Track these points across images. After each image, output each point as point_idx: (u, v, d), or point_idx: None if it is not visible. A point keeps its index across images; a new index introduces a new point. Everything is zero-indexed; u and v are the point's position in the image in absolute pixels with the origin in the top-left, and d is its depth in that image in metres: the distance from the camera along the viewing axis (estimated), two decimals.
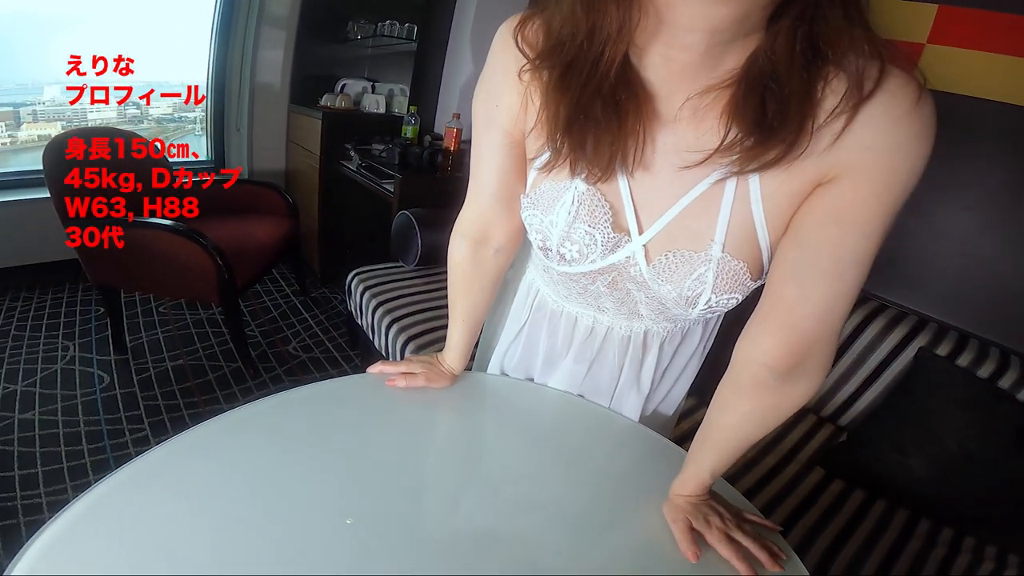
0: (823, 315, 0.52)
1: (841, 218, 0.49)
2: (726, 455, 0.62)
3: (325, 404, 0.75)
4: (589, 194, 0.58)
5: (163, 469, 0.59)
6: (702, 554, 0.59)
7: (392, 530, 0.57)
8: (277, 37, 2.74)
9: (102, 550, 0.49)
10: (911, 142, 0.47)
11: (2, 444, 1.58)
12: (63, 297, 2.41)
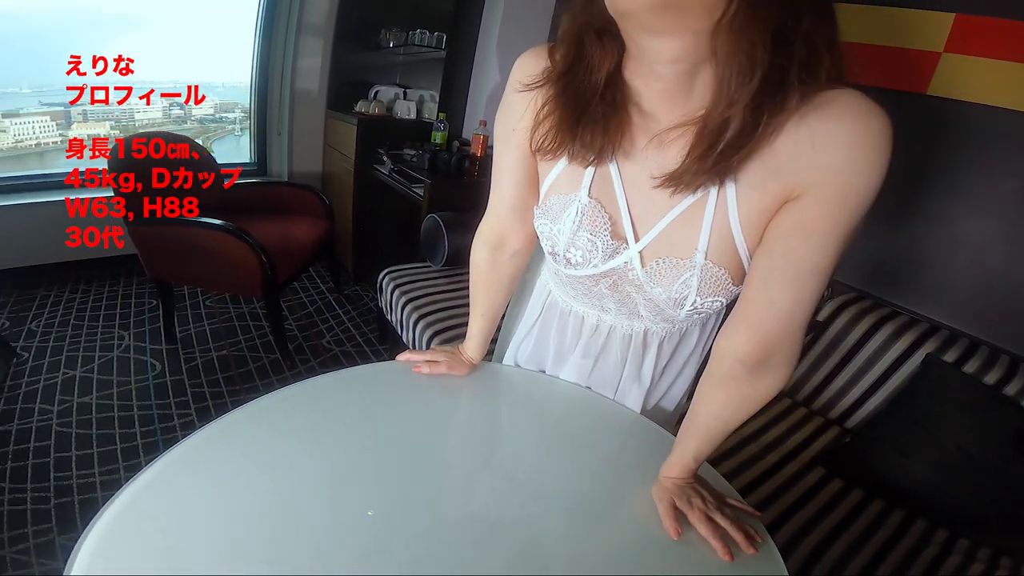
0: (786, 317, 0.59)
1: (803, 231, 0.56)
2: (707, 441, 0.69)
3: (358, 387, 0.85)
4: (591, 206, 0.66)
5: (202, 454, 0.67)
6: (684, 532, 0.64)
7: (408, 515, 0.63)
8: (315, 45, 2.87)
9: (151, 530, 0.57)
10: (865, 164, 0.53)
11: (61, 426, 1.74)
12: (119, 290, 2.61)
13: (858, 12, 1.62)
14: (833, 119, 0.52)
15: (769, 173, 0.56)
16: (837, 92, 0.52)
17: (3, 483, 1.49)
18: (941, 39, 1.46)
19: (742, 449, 1.37)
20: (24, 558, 1.31)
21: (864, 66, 1.61)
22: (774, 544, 0.67)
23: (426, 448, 0.76)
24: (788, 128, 0.53)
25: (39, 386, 1.89)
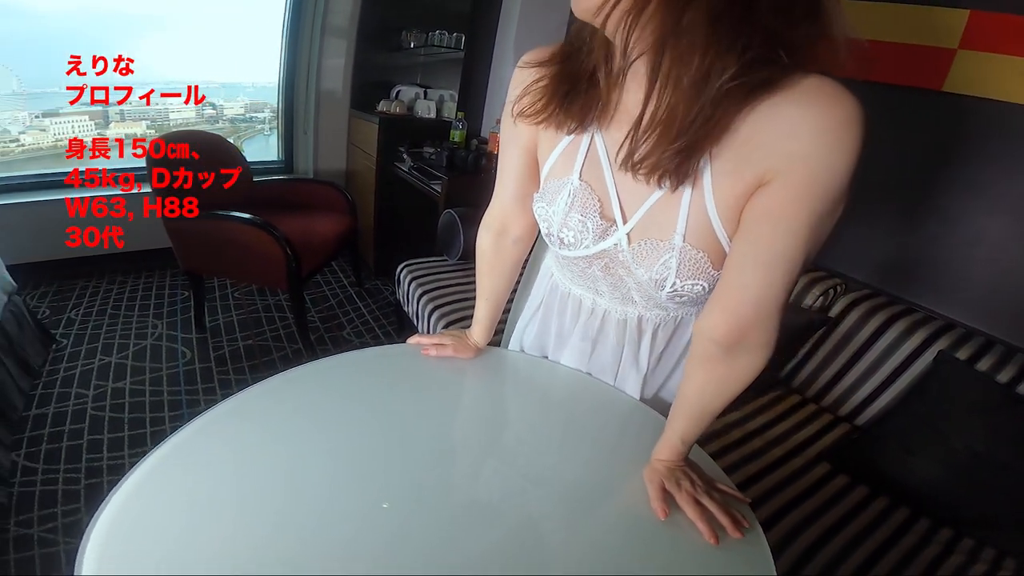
0: (758, 300, 0.60)
1: (772, 217, 0.58)
2: (692, 422, 0.70)
3: (369, 367, 0.90)
4: (582, 188, 0.70)
5: (219, 427, 0.71)
6: (672, 514, 0.65)
7: (406, 495, 0.65)
8: (339, 46, 2.95)
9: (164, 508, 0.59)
10: (831, 150, 0.54)
11: (95, 410, 1.84)
12: (154, 281, 2.73)
13: (873, 9, 1.61)
14: (800, 105, 0.54)
15: (742, 159, 0.57)
16: (806, 78, 0.53)
17: (37, 463, 1.59)
18: (956, 36, 1.45)
19: (746, 443, 1.37)
20: (51, 536, 1.38)
21: (879, 63, 1.60)
22: (761, 530, 0.68)
23: (428, 429, 0.79)
24: (759, 114, 0.55)
25: (76, 371, 2.01)
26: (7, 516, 1.40)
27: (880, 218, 1.67)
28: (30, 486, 1.51)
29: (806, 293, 1.61)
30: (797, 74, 0.54)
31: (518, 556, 0.61)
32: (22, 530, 1.38)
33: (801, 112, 0.54)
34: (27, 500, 1.47)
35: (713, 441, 1.37)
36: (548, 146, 0.74)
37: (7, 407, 1.69)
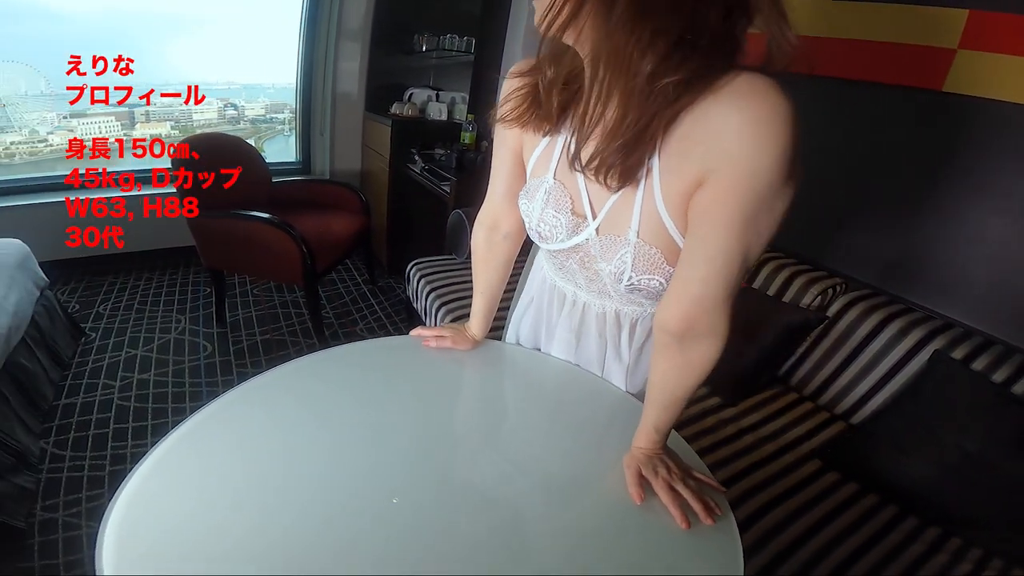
0: (702, 294, 0.64)
1: (708, 214, 0.61)
2: (661, 409, 0.74)
3: (373, 357, 0.97)
4: (556, 187, 0.75)
5: (230, 414, 0.77)
6: (648, 499, 0.68)
7: (409, 483, 0.69)
8: (353, 49, 3.03)
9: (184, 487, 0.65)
10: (755, 148, 0.56)
11: (121, 400, 1.94)
12: (178, 278, 2.84)
13: (872, 10, 1.61)
14: (726, 103, 0.56)
15: (683, 158, 0.61)
16: (737, 76, 0.56)
17: (65, 451, 1.69)
18: (955, 36, 1.45)
19: (739, 439, 1.40)
20: (75, 520, 1.46)
21: (879, 63, 1.61)
22: (733, 518, 0.71)
23: (425, 415, 0.84)
24: (695, 113, 0.58)
25: (104, 363, 2.12)
26: (34, 501, 1.49)
27: (881, 218, 1.67)
28: (57, 472, 1.61)
29: (805, 292, 1.62)
30: (731, 73, 0.56)
31: (503, 537, 0.65)
32: (48, 514, 1.47)
33: (727, 111, 0.57)
34: (54, 486, 1.56)
35: (706, 436, 1.40)
36: (530, 147, 0.80)
37: (38, 396, 1.80)
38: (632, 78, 0.57)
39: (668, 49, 0.55)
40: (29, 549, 1.37)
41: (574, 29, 0.59)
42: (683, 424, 1.43)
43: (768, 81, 0.56)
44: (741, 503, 1.21)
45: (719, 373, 1.52)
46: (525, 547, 0.65)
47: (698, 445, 1.36)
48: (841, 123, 1.75)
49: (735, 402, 1.53)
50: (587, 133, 0.64)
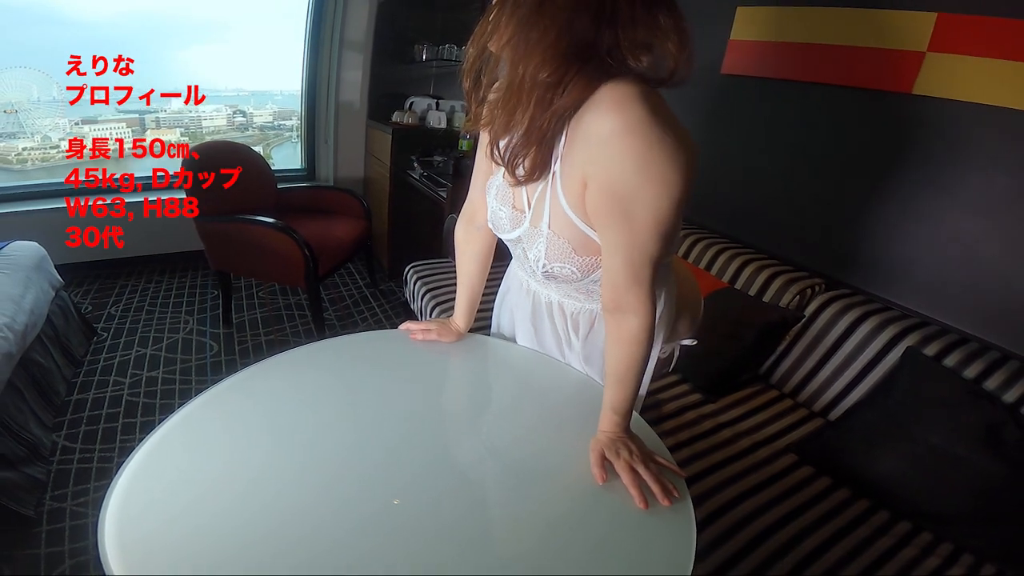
0: (615, 279, 0.74)
1: (598, 214, 0.71)
2: (614, 388, 0.80)
3: (363, 348, 1.05)
4: (502, 183, 0.84)
5: (222, 400, 0.83)
6: (610, 480, 0.73)
7: (377, 460, 0.75)
8: (356, 59, 3.11)
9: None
10: (617, 156, 0.65)
11: (130, 396, 2.02)
12: (187, 280, 2.94)
13: (840, 14, 1.65)
14: (594, 112, 0.65)
15: (571, 160, 0.70)
16: (606, 84, 0.64)
17: (76, 444, 1.77)
18: (924, 39, 1.48)
19: (716, 433, 1.44)
20: (82, 510, 1.53)
21: (850, 67, 1.65)
22: (691, 501, 0.74)
23: (408, 402, 0.90)
24: (577, 118, 0.67)
25: (115, 361, 2.21)
26: (44, 491, 1.57)
27: (857, 219, 1.70)
28: (67, 464, 1.69)
29: (784, 292, 1.66)
30: (609, 81, 0.64)
31: (477, 517, 0.71)
32: (56, 504, 1.55)
33: (594, 119, 0.65)
34: (63, 477, 1.64)
35: (684, 430, 1.44)
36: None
37: (52, 392, 1.88)
38: (522, 79, 0.66)
39: (546, 54, 0.63)
40: (37, 536, 1.45)
41: (498, 35, 0.67)
42: (664, 418, 1.48)
43: (634, 91, 0.63)
44: (715, 494, 1.24)
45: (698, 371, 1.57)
46: (496, 528, 0.71)
47: (676, 439, 1.40)
48: (814, 127, 1.80)
49: (715, 398, 1.57)
50: (499, 127, 0.73)
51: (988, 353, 1.36)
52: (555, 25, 0.63)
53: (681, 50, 0.66)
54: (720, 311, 1.64)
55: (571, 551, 0.67)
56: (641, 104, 0.63)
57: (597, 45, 0.64)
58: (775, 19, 1.85)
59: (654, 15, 0.64)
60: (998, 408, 1.24)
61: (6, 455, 1.50)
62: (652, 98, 0.64)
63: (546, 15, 0.63)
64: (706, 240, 1.95)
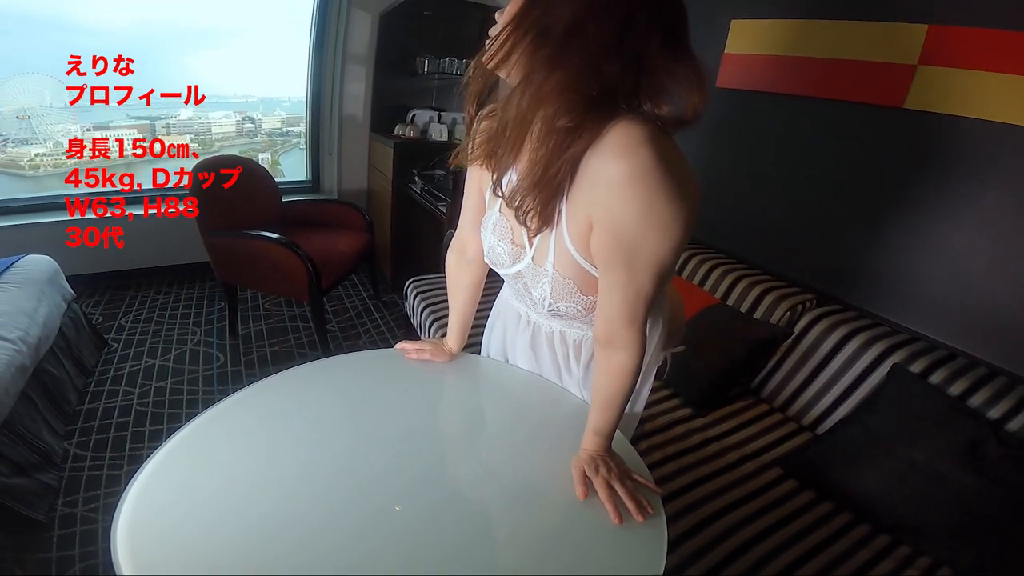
0: (610, 316, 0.75)
1: (601, 255, 0.72)
2: (598, 412, 0.82)
3: (360, 367, 1.08)
4: (500, 219, 0.85)
5: (228, 416, 0.89)
6: (591, 496, 0.76)
7: (381, 475, 0.79)
8: (358, 72, 3.17)
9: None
10: (624, 201, 0.64)
11: (140, 405, 2.08)
12: (195, 292, 3.01)
13: (833, 27, 1.66)
14: (600, 156, 0.65)
15: (578, 203, 0.71)
16: (614, 127, 0.64)
17: (87, 451, 1.83)
18: (915, 52, 1.48)
19: (704, 447, 1.47)
20: (92, 515, 1.58)
21: (841, 81, 1.66)
22: (664, 517, 0.77)
23: (402, 420, 0.94)
24: (586, 161, 0.67)
25: (125, 372, 2.27)
26: (56, 496, 1.63)
27: (850, 234, 1.73)
28: (79, 471, 1.75)
29: (775, 308, 1.69)
30: (615, 121, 0.64)
31: (463, 530, 0.74)
32: (67, 509, 1.60)
33: (601, 163, 0.65)
34: (75, 483, 1.70)
35: (672, 444, 1.47)
36: (488, 183, 0.88)
37: (63, 401, 1.95)
38: (534, 120, 0.66)
39: (567, 100, 0.63)
40: (48, 541, 1.50)
41: (507, 66, 0.68)
42: (653, 432, 1.51)
43: (642, 134, 0.63)
44: (699, 507, 1.27)
45: (689, 386, 1.61)
46: (483, 539, 0.74)
47: (663, 452, 1.43)
48: (808, 142, 1.82)
49: (705, 412, 1.60)
50: (505, 165, 0.74)
51: (975, 369, 1.38)
52: (582, 70, 0.62)
53: (700, 96, 0.66)
54: (712, 327, 1.67)
55: (551, 563, 0.71)
56: (648, 149, 0.62)
57: (618, 90, 0.64)
58: (769, 32, 1.86)
59: (679, 62, 0.64)
60: (981, 425, 1.26)
61: (19, 462, 1.56)
62: (660, 141, 0.64)
63: (572, 57, 0.62)
64: (700, 255, 1.99)
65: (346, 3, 2.96)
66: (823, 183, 1.79)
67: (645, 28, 0.62)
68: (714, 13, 2.02)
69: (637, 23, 0.61)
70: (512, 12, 0.66)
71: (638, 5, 0.62)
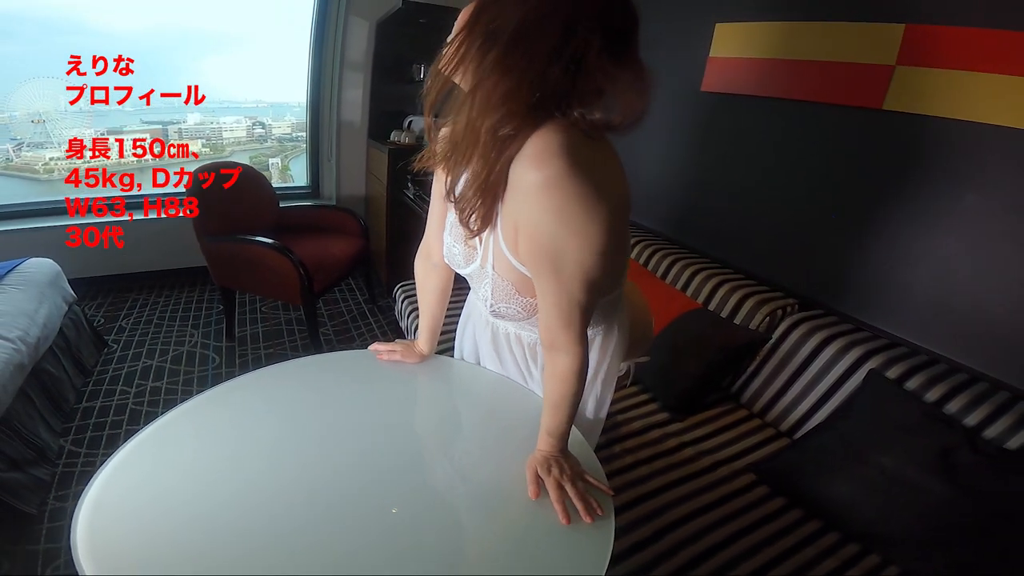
0: (548, 321, 0.77)
1: (526, 260, 0.74)
2: (549, 415, 0.84)
3: (332, 367, 1.12)
4: (455, 221, 0.85)
5: (200, 413, 0.91)
6: (543, 496, 0.78)
7: (348, 470, 0.82)
8: (356, 79, 3.21)
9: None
10: (538, 210, 0.66)
11: (135, 404, 2.13)
12: (195, 295, 3.07)
13: (813, 28, 1.65)
14: (521, 163, 0.66)
15: (509, 208, 0.72)
16: (535, 134, 0.65)
17: (81, 448, 1.88)
18: (893, 51, 1.46)
19: (678, 451, 1.46)
20: None
21: (818, 83, 1.65)
22: (613, 519, 0.78)
23: (371, 418, 0.96)
24: (512, 168, 0.68)
25: (123, 372, 2.33)
26: (48, 491, 1.68)
27: (832, 239, 1.71)
28: (72, 467, 1.79)
29: (755, 313, 1.68)
30: (540, 128, 0.65)
31: (421, 520, 0.76)
32: (58, 504, 1.65)
33: (520, 171, 0.67)
34: (67, 479, 1.74)
35: (645, 448, 1.46)
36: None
37: (61, 400, 2.00)
38: (481, 128, 0.66)
39: (510, 106, 0.64)
40: (37, 533, 1.54)
41: (460, 72, 0.68)
42: (627, 436, 1.51)
43: (558, 141, 0.64)
44: (666, 511, 1.27)
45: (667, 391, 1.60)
46: (432, 537, 0.75)
47: (636, 456, 1.43)
48: (790, 145, 1.81)
49: (682, 417, 1.60)
50: (460, 171, 0.75)
51: (955, 375, 1.36)
52: (526, 75, 0.63)
53: (641, 103, 0.67)
54: (691, 332, 1.67)
55: (499, 561, 0.74)
56: (562, 158, 0.63)
57: (555, 95, 0.65)
58: (753, 35, 1.86)
59: (623, 67, 0.64)
60: (955, 432, 1.24)
61: (14, 457, 1.61)
62: (576, 149, 0.65)
63: (518, 61, 0.62)
64: (684, 260, 1.98)
65: (344, 11, 3.01)
66: (805, 187, 1.78)
67: (588, 34, 0.62)
68: (699, 17, 2.03)
69: (581, 29, 0.62)
70: (464, 19, 0.68)
71: (582, 11, 0.62)
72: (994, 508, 1.14)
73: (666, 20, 2.15)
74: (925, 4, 1.43)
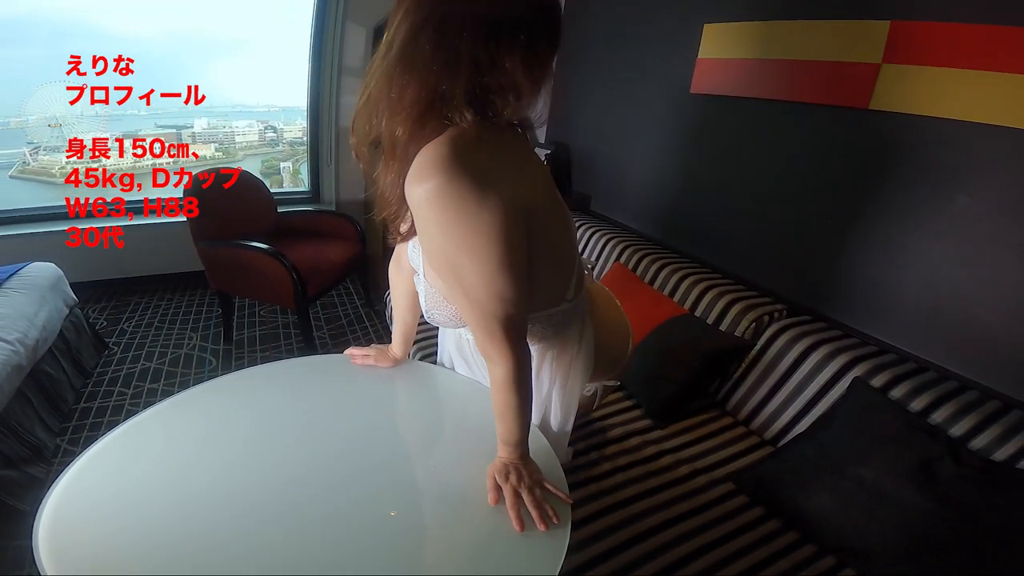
0: (473, 331, 0.78)
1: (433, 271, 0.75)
2: (499, 424, 0.83)
3: (306, 370, 1.15)
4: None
5: (173, 414, 0.94)
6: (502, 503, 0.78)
7: (312, 472, 0.83)
8: (354, 84, 3.22)
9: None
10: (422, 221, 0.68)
11: (131, 406, 2.17)
12: (195, 299, 3.11)
13: (799, 27, 1.63)
14: (408, 178, 0.67)
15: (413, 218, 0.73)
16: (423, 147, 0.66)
17: (77, 447, 1.92)
18: (878, 49, 1.43)
19: (657, 459, 1.44)
20: None
21: (804, 83, 1.63)
22: (569, 528, 0.78)
23: (337, 423, 0.97)
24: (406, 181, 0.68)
25: (122, 373, 2.37)
26: (42, 488, 1.70)
27: (820, 243, 1.69)
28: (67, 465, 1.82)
29: (742, 319, 1.66)
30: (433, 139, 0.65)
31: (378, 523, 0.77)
32: None
33: (408, 185, 0.67)
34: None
35: (624, 456, 1.45)
36: None
37: (60, 400, 2.04)
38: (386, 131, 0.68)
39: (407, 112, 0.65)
40: (27, 529, 1.56)
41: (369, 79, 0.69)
42: (606, 443, 1.50)
43: (438, 154, 0.64)
44: (640, 519, 1.25)
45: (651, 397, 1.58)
46: (387, 539, 0.75)
47: (614, 463, 1.42)
48: (778, 146, 1.78)
49: (664, 425, 1.58)
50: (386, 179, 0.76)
51: (943, 384, 1.33)
52: (421, 80, 0.64)
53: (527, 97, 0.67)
54: (676, 338, 1.65)
55: (446, 563, 0.75)
56: (440, 172, 0.63)
57: (446, 102, 0.66)
58: (741, 35, 1.84)
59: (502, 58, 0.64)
60: (938, 442, 1.21)
61: (10, 455, 1.64)
62: (456, 160, 0.64)
63: (415, 66, 0.63)
64: (672, 265, 1.96)
65: (341, 17, 3.04)
66: (793, 189, 1.75)
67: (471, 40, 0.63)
68: (688, 18, 2.02)
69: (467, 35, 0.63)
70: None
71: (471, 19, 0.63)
72: (975, 521, 1.11)
73: (654, 22, 2.15)
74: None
